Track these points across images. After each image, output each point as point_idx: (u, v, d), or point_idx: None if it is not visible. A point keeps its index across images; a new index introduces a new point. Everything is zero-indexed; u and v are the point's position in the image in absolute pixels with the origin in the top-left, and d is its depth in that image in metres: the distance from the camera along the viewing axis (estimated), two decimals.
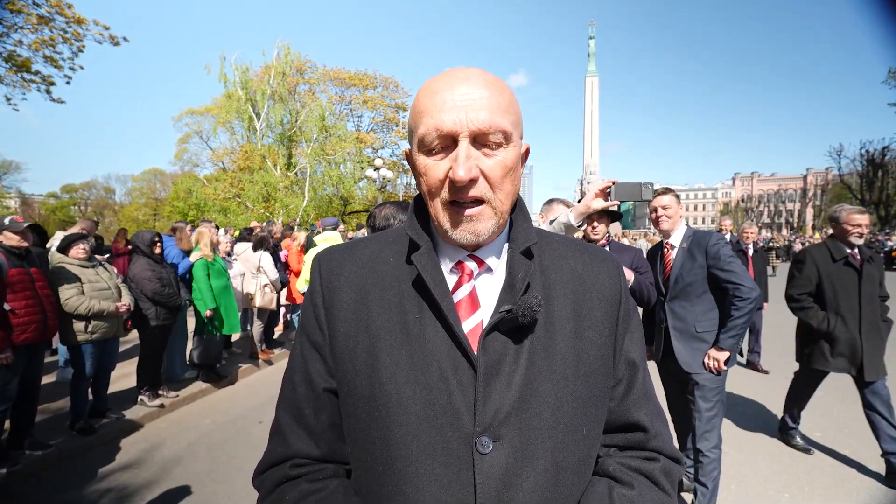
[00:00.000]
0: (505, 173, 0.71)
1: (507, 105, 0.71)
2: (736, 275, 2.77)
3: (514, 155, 0.72)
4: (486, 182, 0.70)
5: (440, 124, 0.67)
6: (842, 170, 48.62)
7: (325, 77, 27.96)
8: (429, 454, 0.68)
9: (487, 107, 0.68)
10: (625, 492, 0.74)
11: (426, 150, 0.71)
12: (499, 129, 0.68)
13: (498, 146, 0.70)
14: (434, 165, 0.70)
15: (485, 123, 0.67)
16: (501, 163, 0.70)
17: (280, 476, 0.77)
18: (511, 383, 0.70)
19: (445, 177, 0.69)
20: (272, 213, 21.00)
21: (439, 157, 0.70)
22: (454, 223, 0.71)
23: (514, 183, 0.73)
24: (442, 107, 0.67)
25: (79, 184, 61.44)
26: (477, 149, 0.69)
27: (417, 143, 0.71)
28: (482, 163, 0.69)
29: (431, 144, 0.69)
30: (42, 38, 10.47)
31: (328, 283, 0.80)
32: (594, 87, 65.21)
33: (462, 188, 0.68)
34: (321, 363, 0.79)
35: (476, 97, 0.68)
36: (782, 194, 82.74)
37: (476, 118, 0.67)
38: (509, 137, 0.70)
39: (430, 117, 0.68)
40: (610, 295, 0.81)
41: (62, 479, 3.63)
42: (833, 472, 3.55)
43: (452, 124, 0.67)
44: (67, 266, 4.13)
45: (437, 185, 0.71)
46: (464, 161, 0.66)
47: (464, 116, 0.67)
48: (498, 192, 0.71)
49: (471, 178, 0.67)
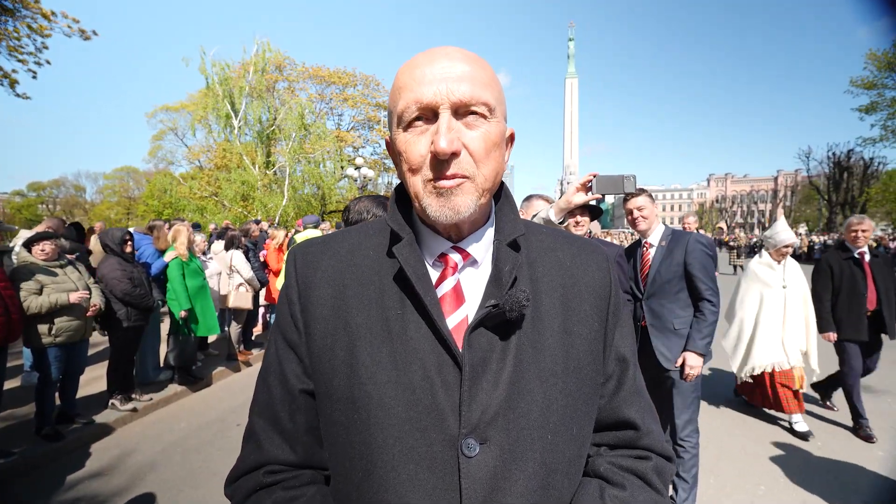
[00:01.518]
0: (489, 147, 0.67)
1: (489, 80, 0.68)
2: (710, 278, 2.85)
3: (498, 131, 0.69)
4: (468, 157, 0.66)
5: (420, 96, 0.64)
6: (810, 172, 50.35)
7: (305, 75, 27.57)
8: (412, 458, 0.65)
9: (469, 79, 0.65)
10: (616, 493, 0.71)
11: (406, 126, 0.67)
12: (481, 101, 0.65)
13: (481, 119, 0.67)
14: (415, 141, 0.66)
15: (466, 95, 0.64)
16: (485, 135, 0.67)
17: (253, 484, 0.72)
18: (498, 382, 0.67)
19: (427, 152, 0.65)
20: (250, 213, 20.59)
21: (420, 132, 0.66)
22: (434, 198, 0.67)
23: (497, 160, 0.70)
24: (422, 80, 0.65)
25: (47, 181, 59.15)
26: (459, 122, 0.66)
27: (397, 119, 0.68)
28: (464, 136, 0.65)
29: (411, 118, 0.66)
30: (5, 30, 10.03)
31: (304, 277, 0.76)
32: (574, 88, 66.04)
33: (444, 163, 0.65)
34: (297, 363, 0.74)
35: (458, 70, 0.65)
36: (754, 195, 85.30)
37: (457, 89, 0.64)
38: (493, 111, 0.67)
39: (409, 91, 0.65)
40: (599, 288, 0.79)
41: (27, 489, 3.47)
42: (806, 465, 3.66)
43: (433, 95, 0.64)
44: (31, 265, 3.95)
45: (417, 162, 0.67)
46: (445, 132, 0.63)
47: (444, 88, 0.64)
48: (482, 167, 0.67)
49: (453, 150, 0.63)
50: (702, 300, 2.82)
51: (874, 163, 41.62)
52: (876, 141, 29.06)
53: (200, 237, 6.42)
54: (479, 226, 0.75)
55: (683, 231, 3.04)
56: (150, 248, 5.57)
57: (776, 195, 79.61)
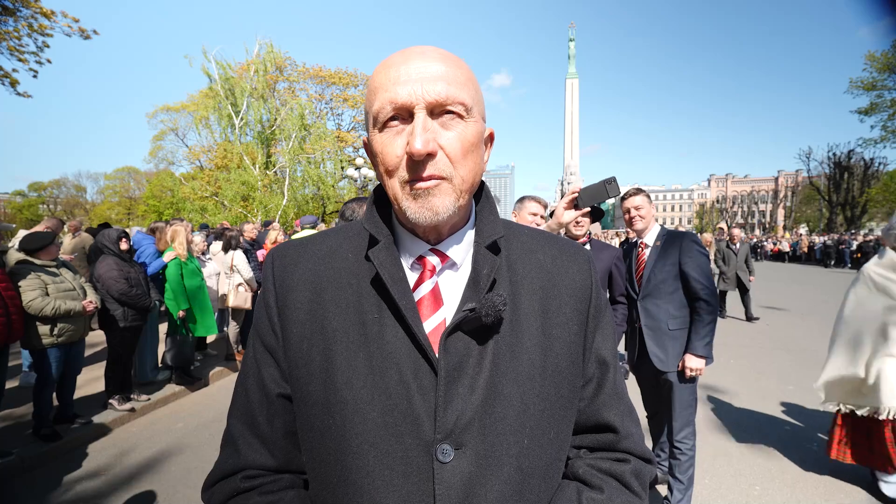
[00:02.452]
0: (466, 148, 0.66)
1: (466, 80, 0.67)
2: (706, 277, 2.85)
3: (475, 131, 0.68)
4: (445, 157, 0.65)
5: (395, 96, 0.63)
6: (810, 172, 50.26)
7: (306, 75, 27.59)
8: (387, 464, 0.64)
9: (444, 79, 0.64)
10: (594, 496, 0.71)
11: (381, 126, 0.66)
12: (457, 100, 0.65)
13: (457, 119, 0.66)
14: (390, 142, 0.65)
15: (441, 95, 0.63)
16: (461, 136, 0.66)
17: (230, 489, 0.71)
18: (474, 386, 0.66)
19: (403, 153, 0.64)
20: (250, 213, 20.61)
21: (396, 133, 0.65)
22: (412, 200, 0.66)
23: (475, 161, 0.69)
24: (397, 80, 0.64)
25: (47, 181, 59.23)
26: (435, 122, 0.65)
27: (373, 120, 0.67)
28: (440, 137, 0.64)
29: (387, 119, 0.65)
30: (6, 30, 10.04)
31: (281, 280, 0.75)
32: (574, 88, 66.00)
33: (420, 164, 0.64)
34: (275, 367, 0.74)
35: (433, 70, 0.64)
36: (755, 195, 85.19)
37: (432, 90, 0.63)
38: (469, 111, 0.66)
39: (384, 91, 0.64)
40: (580, 290, 0.78)
41: (25, 489, 3.48)
42: (802, 466, 3.66)
43: (407, 96, 0.63)
44: (28, 266, 3.95)
45: (394, 164, 0.66)
46: (421, 133, 0.62)
47: (419, 88, 0.63)
48: (458, 168, 0.66)
49: (428, 150, 0.62)
50: (698, 300, 2.82)
51: (874, 163, 41.58)
52: (876, 142, 29.04)
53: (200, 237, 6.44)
54: (459, 228, 0.75)
55: (679, 231, 3.05)
56: (151, 247, 5.62)
57: (777, 195, 79.52)
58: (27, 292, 3.81)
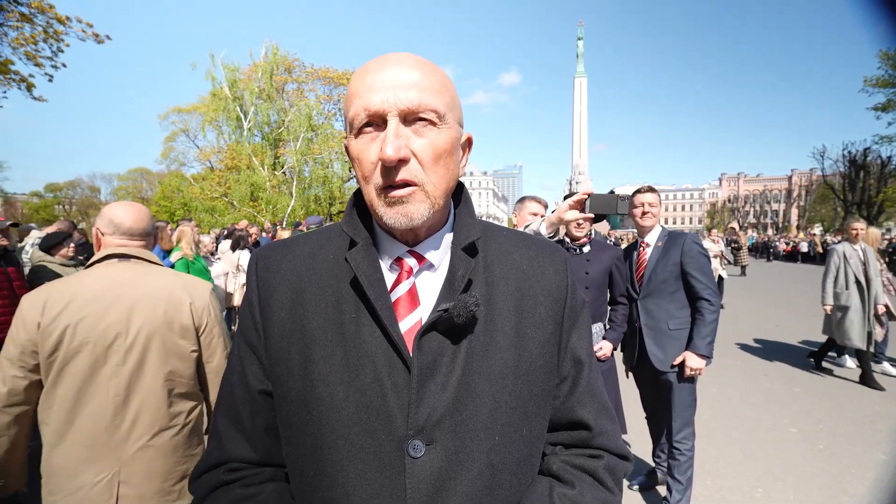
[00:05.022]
0: (437, 154, 0.68)
1: (440, 87, 0.69)
2: (707, 277, 2.85)
3: (449, 137, 0.69)
4: (417, 164, 0.67)
5: (368, 104, 0.65)
6: (825, 171, 49.42)
7: (314, 76, 27.78)
8: (360, 458, 0.67)
9: (417, 86, 0.66)
10: (565, 491, 0.73)
11: (357, 132, 0.68)
12: (429, 108, 0.66)
13: (430, 126, 0.67)
14: (365, 148, 0.67)
15: (413, 102, 0.65)
16: (433, 143, 0.67)
17: (214, 481, 0.75)
18: (447, 385, 0.68)
19: (377, 160, 0.66)
20: (259, 213, 20.82)
21: (371, 139, 0.67)
22: (386, 207, 0.68)
23: (449, 167, 0.71)
24: (371, 87, 0.66)
25: (63, 183, 60.32)
26: (408, 129, 0.67)
27: (349, 126, 0.69)
28: (413, 143, 0.66)
29: (361, 125, 0.67)
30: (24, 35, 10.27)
31: (264, 281, 0.78)
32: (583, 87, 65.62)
33: (392, 170, 0.65)
34: (257, 365, 0.76)
35: (406, 77, 0.66)
36: (768, 195, 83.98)
37: (405, 97, 0.65)
38: (442, 118, 0.68)
39: (359, 98, 0.67)
40: (555, 291, 0.80)
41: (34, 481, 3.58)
42: (804, 467, 3.63)
43: (380, 103, 0.65)
44: (49, 266, 4.06)
45: (369, 170, 0.68)
46: (392, 139, 0.64)
47: (391, 96, 0.65)
48: (430, 174, 0.68)
49: (399, 157, 0.64)
50: (699, 300, 2.82)
51: (891, 161, 40.72)
52: (893, 139, 28.47)
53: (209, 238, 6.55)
54: (437, 230, 0.77)
55: (680, 232, 3.06)
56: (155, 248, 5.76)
57: (790, 195, 78.29)
58: None
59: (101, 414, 1.50)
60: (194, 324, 1.64)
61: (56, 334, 1.46)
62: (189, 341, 1.63)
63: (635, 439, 3.65)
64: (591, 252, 3.08)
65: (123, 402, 1.52)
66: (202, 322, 1.67)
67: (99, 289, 1.55)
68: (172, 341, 1.59)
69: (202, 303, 1.68)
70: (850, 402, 4.98)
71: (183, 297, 1.64)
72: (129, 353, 1.52)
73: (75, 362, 1.48)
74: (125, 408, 1.52)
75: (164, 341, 1.57)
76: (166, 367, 1.58)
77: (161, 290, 1.61)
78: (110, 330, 1.50)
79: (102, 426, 1.50)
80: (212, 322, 1.69)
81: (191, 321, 1.63)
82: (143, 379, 1.54)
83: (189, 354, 1.64)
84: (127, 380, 1.52)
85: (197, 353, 1.66)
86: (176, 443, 1.58)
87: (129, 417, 1.52)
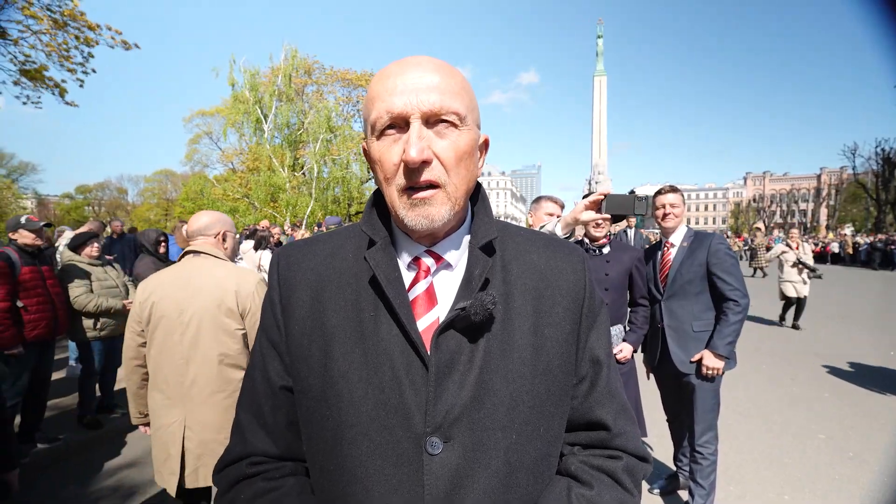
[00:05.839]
0: (459, 156, 0.69)
1: (460, 89, 0.70)
2: (734, 278, 2.78)
3: (469, 139, 0.71)
4: (440, 165, 0.68)
5: (391, 106, 0.66)
6: (856, 169, 47.74)
7: (333, 78, 28.15)
8: (379, 455, 0.68)
9: (438, 88, 0.67)
10: (583, 491, 0.72)
11: (379, 134, 0.69)
12: (451, 110, 0.68)
13: (451, 128, 0.69)
14: (387, 150, 0.69)
15: (436, 104, 0.66)
16: (454, 145, 0.69)
17: (237, 474, 0.76)
18: (464, 383, 0.69)
19: (399, 161, 0.67)
20: (279, 213, 21.16)
21: (393, 141, 0.68)
22: (408, 209, 0.69)
23: (469, 169, 0.72)
24: (393, 90, 0.67)
25: (92, 184, 62.53)
26: (430, 131, 0.68)
27: (370, 129, 0.70)
28: (435, 145, 0.68)
29: (384, 127, 0.68)
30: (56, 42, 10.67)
31: (286, 279, 0.79)
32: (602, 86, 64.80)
33: (415, 171, 0.67)
34: (278, 361, 0.78)
35: (427, 80, 0.67)
36: (795, 194, 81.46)
37: (427, 100, 0.66)
38: (463, 120, 0.69)
39: (381, 101, 0.68)
40: (573, 290, 0.79)
41: (69, 473, 3.71)
42: (833, 475, 3.51)
43: (403, 106, 0.66)
44: (78, 264, 4.22)
45: (391, 171, 0.69)
46: (416, 141, 0.65)
47: (414, 99, 0.66)
48: (452, 175, 0.69)
49: (423, 158, 0.65)
50: (726, 300, 2.75)
51: None
52: None
53: None
54: (455, 230, 0.77)
55: (706, 232, 2.99)
56: (174, 246, 5.94)
57: (819, 194, 75.77)
58: (73, 289, 4.07)
59: (172, 372, 1.99)
60: (238, 308, 2.02)
61: (148, 309, 2.03)
62: (234, 321, 2.02)
63: (656, 443, 3.60)
64: (611, 253, 3.04)
65: (185, 365, 1.98)
66: (246, 307, 2.03)
67: (176, 276, 2.06)
68: (220, 320, 2.00)
69: (247, 291, 2.04)
70: (882, 408, 4.81)
71: (230, 285, 2.02)
72: (189, 326, 1.98)
73: (158, 330, 2.01)
74: (187, 369, 1.98)
75: (214, 319, 1.99)
76: (217, 341, 1.99)
77: (215, 279, 2.03)
78: (177, 307, 1.99)
79: (173, 382, 1.99)
80: (254, 308, 2.03)
81: (235, 305, 2.01)
82: (199, 348, 1.98)
83: (235, 332, 2.02)
84: (187, 347, 1.98)
85: (243, 331, 2.03)
86: (227, 404, 1.98)
87: (190, 377, 1.98)
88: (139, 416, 2.23)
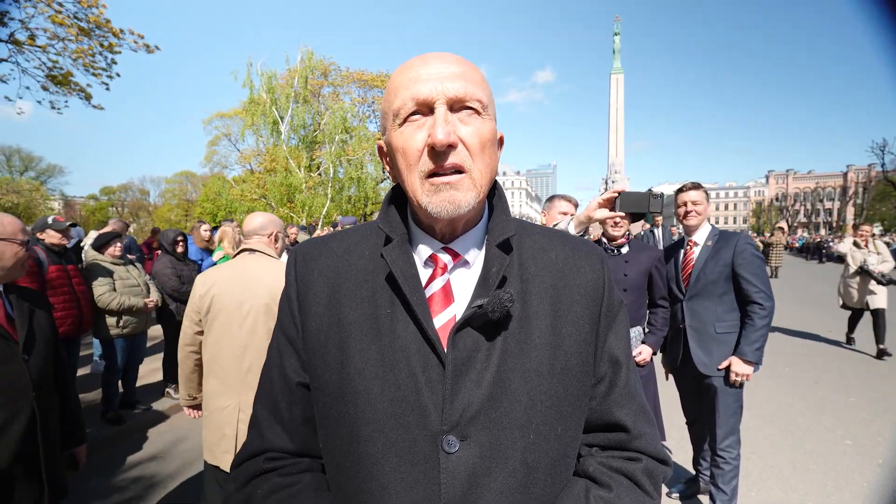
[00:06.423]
0: (483, 142, 0.69)
1: (481, 81, 0.72)
2: (760, 280, 2.69)
3: (491, 127, 0.71)
4: (465, 150, 0.68)
5: (416, 93, 0.67)
6: (885, 166, 46.14)
7: (349, 79, 28.34)
8: (395, 452, 0.67)
9: (462, 77, 0.68)
10: (602, 493, 0.71)
11: (402, 121, 0.69)
12: (474, 97, 0.68)
13: (475, 115, 0.69)
14: (411, 136, 0.68)
15: (460, 91, 0.67)
16: (478, 131, 0.69)
17: (254, 469, 0.77)
18: (481, 381, 0.68)
19: (424, 146, 0.67)
20: (295, 213, 21.42)
21: (417, 127, 0.68)
22: (432, 194, 0.68)
23: (491, 157, 0.72)
24: (417, 79, 0.68)
25: (116, 186, 64.29)
26: (454, 116, 0.68)
27: (392, 117, 0.70)
28: (460, 130, 0.68)
29: (408, 114, 0.68)
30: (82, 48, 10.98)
31: (302, 276, 0.80)
32: (619, 84, 63.99)
33: (441, 154, 0.66)
34: (295, 357, 0.78)
35: (451, 70, 0.69)
36: (820, 192, 79.21)
37: (452, 87, 0.67)
38: (486, 108, 0.70)
39: (405, 89, 0.68)
40: (592, 289, 0.78)
41: (92, 466, 3.81)
42: (861, 482, 3.39)
43: (429, 92, 0.67)
44: (101, 263, 4.33)
45: (414, 157, 0.68)
46: (442, 124, 0.65)
47: (439, 86, 0.67)
48: (477, 161, 0.69)
49: (449, 141, 0.65)
50: (750, 303, 2.68)
51: None
52: None
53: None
54: (472, 226, 0.77)
55: (732, 232, 2.92)
56: (192, 246, 6.08)
57: (846, 192, 73.53)
58: (97, 287, 4.18)
59: (229, 359, 2.13)
60: None
61: (207, 301, 2.17)
62: None
63: (675, 446, 3.53)
64: (630, 253, 2.98)
65: (242, 353, 2.12)
66: None
67: (232, 273, 2.22)
68: (273, 313, 2.09)
69: None
70: None
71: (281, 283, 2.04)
72: (246, 318, 2.13)
73: (217, 321, 2.15)
74: (243, 357, 2.12)
75: (267, 311, 2.13)
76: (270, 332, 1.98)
77: (266, 275, 2.19)
78: (235, 300, 2.14)
79: (230, 368, 2.13)
80: None
81: None
82: (255, 338, 2.12)
83: None
84: (245, 337, 2.12)
85: None
86: None
87: (246, 365, 2.11)
88: (188, 398, 2.38)
